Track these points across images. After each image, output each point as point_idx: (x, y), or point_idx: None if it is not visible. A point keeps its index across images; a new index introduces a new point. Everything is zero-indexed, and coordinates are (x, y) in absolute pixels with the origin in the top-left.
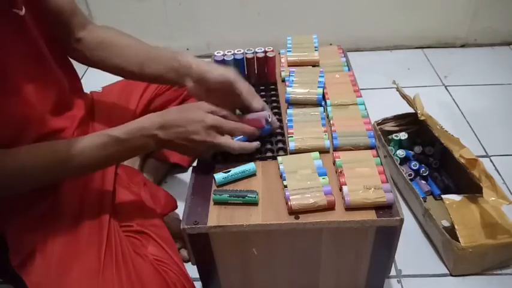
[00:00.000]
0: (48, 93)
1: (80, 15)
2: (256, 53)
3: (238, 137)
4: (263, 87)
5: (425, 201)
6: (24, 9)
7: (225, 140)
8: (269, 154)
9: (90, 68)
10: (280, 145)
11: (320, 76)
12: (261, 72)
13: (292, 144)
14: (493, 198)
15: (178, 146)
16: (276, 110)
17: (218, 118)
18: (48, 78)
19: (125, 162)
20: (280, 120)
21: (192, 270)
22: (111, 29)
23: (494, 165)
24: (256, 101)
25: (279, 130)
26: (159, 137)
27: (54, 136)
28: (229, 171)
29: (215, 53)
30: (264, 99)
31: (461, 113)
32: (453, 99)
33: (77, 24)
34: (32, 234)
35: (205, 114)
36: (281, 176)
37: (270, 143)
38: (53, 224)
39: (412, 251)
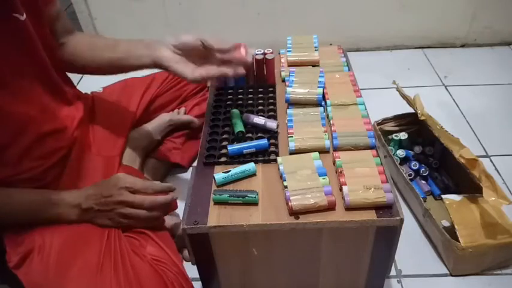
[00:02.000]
0: (47, 95)
1: (63, 20)
2: (256, 54)
3: (250, 145)
4: (261, 90)
5: (425, 201)
6: (25, 14)
7: (135, 197)
8: (260, 158)
9: None
10: (272, 148)
11: (320, 76)
12: (260, 74)
13: (292, 144)
14: (493, 198)
15: (99, 215)
16: (273, 113)
17: (129, 181)
18: (46, 80)
19: (125, 162)
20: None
21: (192, 270)
22: (89, 35)
23: (494, 165)
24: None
25: (275, 131)
26: (82, 207)
27: (53, 136)
28: (229, 171)
29: None
30: (262, 101)
31: (461, 113)
32: (453, 99)
33: (60, 28)
34: (29, 235)
35: (119, 180)
36: (281, 177)
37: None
38: (51, 224)
39: (412, 251)
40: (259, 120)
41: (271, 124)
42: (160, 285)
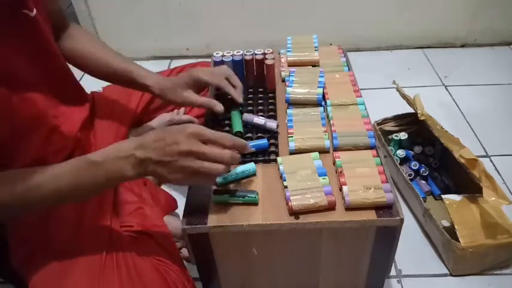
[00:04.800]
0: (57, 93)
1: (61, 16)
2: (255, 55)
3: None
4: (261, 90)
5: (425, 201)
6: (35, 10)
7: (211, 150)
8: (260, 158)
9: None
10: (272, 148)
11: (320, 76)
12: (260, 74)
13: (292, 144)
14: (493, 198)
15: (159, 167)
16: (273, 113)
17: (199, 127)
18: (58, 77)
19: None
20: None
21: (192, 270)
22: (83, 34)
23: (494, 165)
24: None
25: (275, 131)
26: (136, 157)
27: (60, 133)
28: (229, 171)
29: (214, 54)
30: (262, 101)
31: (461, 113)
32: (453, 99)
33: (60, 24)
34: (33, 233)
35: (186, 125)
36: (281, 177)
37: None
38: (54, 223)
39: (412, 251)
40: (259, 120)
41: (271, 124)
42: (163, 285)
